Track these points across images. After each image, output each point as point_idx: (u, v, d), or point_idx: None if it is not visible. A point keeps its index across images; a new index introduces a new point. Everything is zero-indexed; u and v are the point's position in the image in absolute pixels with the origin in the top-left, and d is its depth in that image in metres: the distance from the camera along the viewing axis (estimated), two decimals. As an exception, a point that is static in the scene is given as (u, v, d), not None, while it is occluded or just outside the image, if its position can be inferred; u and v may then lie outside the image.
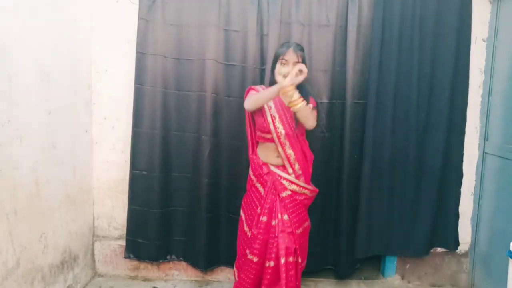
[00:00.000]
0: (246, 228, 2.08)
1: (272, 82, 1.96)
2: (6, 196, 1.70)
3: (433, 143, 2.50)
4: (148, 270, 2.66)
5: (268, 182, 2.01)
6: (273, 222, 1.97)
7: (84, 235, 2.52)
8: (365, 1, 2.41)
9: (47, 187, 2.03)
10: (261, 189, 2.04)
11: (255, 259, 1.96)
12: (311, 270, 2.54)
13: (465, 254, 2.66)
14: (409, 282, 2.69)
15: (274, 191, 1.99)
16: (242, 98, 2.44)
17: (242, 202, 2.17)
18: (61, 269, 2.21)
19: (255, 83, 2.43)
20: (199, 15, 2.41)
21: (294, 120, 1.96)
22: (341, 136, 2.47)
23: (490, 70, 2.48)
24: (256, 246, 1.95)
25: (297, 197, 2.02)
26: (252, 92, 2.02)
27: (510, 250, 1.61)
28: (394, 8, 2.38)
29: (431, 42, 2.43)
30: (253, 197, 2.07)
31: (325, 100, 2.48)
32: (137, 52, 2.41)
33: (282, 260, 1.90)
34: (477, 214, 2.58)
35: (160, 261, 2.62)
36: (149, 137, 2.47)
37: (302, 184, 2.02)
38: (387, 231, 2.55)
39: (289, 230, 1.96)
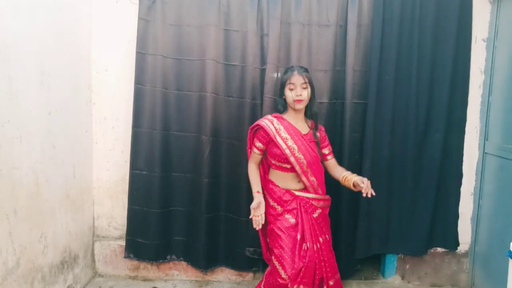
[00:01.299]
0: (281, 271, 1.85)
1: (282, 106, 2.02)
2: (6, 196, 1.70)
3: (433, 143, 2.50)
4: (148, 270, 2.66)
5: (297, 208, 1.96)
6: (315, 247, 1.92)
7: (84, 235, 2.52)
8: (365, 1, 2.41)
9: (47, 187, 2.03)
10: (289, 216, 1.95)
11: None
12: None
13: (465, 254, 2.66)
14: (409, 282, 2.69)
15: (306, 215, 1.96)
16: (242, 98, 2.46)
17: (268, 238, 2.03)
18: (61, 269, 2.21)
19: (255, 83, 2.44)
20: (199, 15, 2.41)
21: (315, 146, 1.99)
22: (341, 136, 2.47)
23: (490, 70, 2.48)
24: (307, 275, 1.84)
25: (325, 212, 2.06)
26: (254, 152, 2.03)
27: (510, 250, 1.61)
28: (394, 8, 2.38)
29: (431, 42, 2.43)
30: (284, 230, 1.92)
31: (325, 100, 2.48)
32: (137, 52, 2.41)
33: (331, 282, 1.94)
34: (477, 214, 2.58)
35: (160, 261, 2.62)
36: (149, 137, 2.48)
37: (327, 197, 2.06)
38: (386, 230, 2.56)
39: (329, 248, 2.00)
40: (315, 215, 1.98)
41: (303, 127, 2.02)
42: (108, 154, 2.62)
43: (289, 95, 1.92)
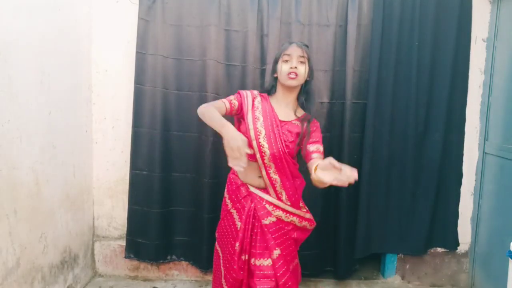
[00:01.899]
0: (222, 268, 1.71)
1: (272, 85, 1.72)
2: (6, 196, 1.70)
3: (432, 143, 2.50)
4: (148, 270, 2.66)
5: (246, 208, 1.63)
6: (258, 262, 1.60)
7: (84, 235, 2.52)
8: (365, 0, 2.41)
9: (47, 187, 2.03)
10: (237, 219, 1.66)
11: None
12: (311, 273, 2.55)
13: (465, 254, 2.66)
14: (409, 282, 2.69)
15: (253, 220, 1.62)
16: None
17: (216, 234, 1.80)
18: (61, 269, 2.21)
19: (255, 83, 2.44)
20: (199, 15, 2.41)
21: (292, 139, 1.62)
22: (340, 136, 2.47)
23: (490, 70, 2.48)
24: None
25: (284, 225, 1.64)
26: (222, 101, 1.60)
27: (510, 250, 1.61)
28: (394, 8, 2.38)
29: (431, 42, 2.43)
30: (228, 228, 1.71)
31: (325, 100, 2.48)
32: (137, 52, 2.41)
33: None
34: (477, 214, 2.58)
35: (161, 261, 2.62)
36: (149, 137, 2.47)
37: (292, 209, 1.64)
38: (385, 229, 2.56)
39: (272, 271, 1.60)
40: (266, 222, 1.60)
41: (287, 114, 1.66)
42: (108, 154, 2.62)
43: (283, 68, 1.59)
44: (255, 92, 1.71)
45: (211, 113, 1.50)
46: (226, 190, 1.76)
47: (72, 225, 2.34)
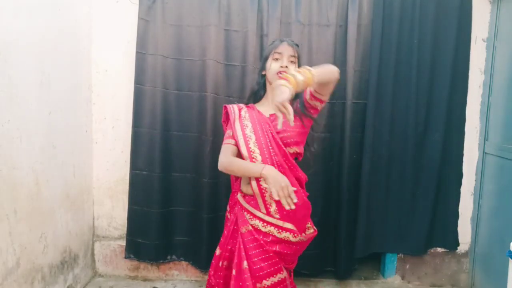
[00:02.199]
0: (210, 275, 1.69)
1: (259, 83, 1.67)
2: (6, 196, 1.70)
3: (432, 143, 2.50)
4: (148, 270, 2.66)
5: (232, 215, 1.59)
6: (233, 272, 1.48)
7: (84, 235, 2.52)
8: (365, 0, 2.40)
9: (47, 187, 2.03)
10: (226, 222, 1.64)
11: None
12: (311, 273, 2.55)
13: (465, 254, 2.66)
14: (409, 282, 2.69)
15: (234, 226, 1.54)
16: (242, 98, 2.45)
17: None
18: (61, 269, 2.21)
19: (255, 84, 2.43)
20: (199, 15, 2.41)
21: (282, 145, 1.50)
22: (340, 136, 2.47)
23: (490, 70, 2.48)
24: None
25: (260, 236, 1.46)
26: (228, 143, 1.54)
27: (510, 250, 1.61)
28: (394, 8, 2.38)
29: (431, 42, 2.43)
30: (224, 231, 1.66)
31: (325, 100, 2.48)
32: (137, 52, 2.41)
33: None
34: (477, 214, 2.58)
35: (161, 261, 2.62)
36: (149, 137, 2.47)
37: (269, 219, 1.46)
38: (385, 229, 2.56)
39: (248, 283, 1.42)
40: (242, 231, 1.48)
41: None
42: (108, 154, 2.62)
43: (273, 66, 1.54)
44: (242, 104, 1.67)
45: (237, 163, 1.47)
46: (230, 197, 1.76)
47: (72, 225, 2.34)
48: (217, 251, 1.59)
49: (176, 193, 2.56)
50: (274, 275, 1.45)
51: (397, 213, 2.55)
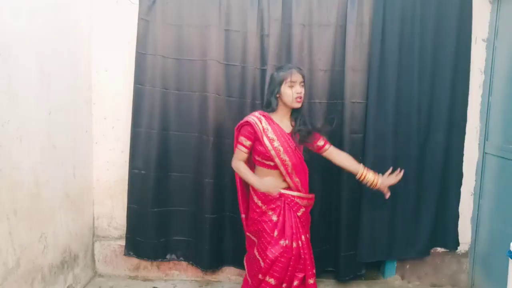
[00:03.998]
0: (258, 256, 1.97)
1: (273, 104, 1.95)
2: (6, 196, 1.70)
3: (433, 144, 2.49)
4: (148, 270, 2.66)
5: (281, 206, 1.96)
6: (294, 245, 1.92)
7: (84, 235, 2.52)
8: (365, 0, 2.40)
9: (47, 187, 2.03)
10: (271, 214, 1.96)
11: (273, 282, 1.90)
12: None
13: (465, 254, 2.66)
14: (409, 282, 2.69)
15: (290, 213, 1.96)
16: (242, 98, 2.46)
17: (250, 227, 2.07)
18: (61, 269, 2.21)
19: (255, 83, 2.44)
20: (199, 15, 2.41)
21: (300, 149, 1.98)
22: (340, 136, 2.47)
23: (490, 70, 2.48)
24: (277, 269, 1.89)
25: (307, 210, 2.05)
26: (241, 150, 1.99)
27: (510, 250, 1.61)
28: (394, 8, 2.38)
29: (432, 42, 2.42)
30: (265, 226, 1.96)
31: (324, 100, 2.48)
32: (137, 52, 2.41)
33: (311, 281, 1.95)
34: (477, 214, 2.58)
35: (160, 260, 2.62)
36: (149, 137, 2.47)
37: (311, 196, 2.06)
38: (389, 235, 2.52)
39: (309, 247, 1.98)
40: (299, 214, 1.97)
41: (287, 125, 1.99)
42: (108, 154, 2.62)
43: (289, 92, 1.89)
44: (257, 114, 1.99)
45: (241, 170, 1.99)
46: (255, 196, 1.99)
47: (72, 225, 2.34)
48: (275, 234, 1.91)
49: (175, 193, 2.57)
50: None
51: (399, 214, 2.52)
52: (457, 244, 2.62)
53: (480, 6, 2.48)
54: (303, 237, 1.95)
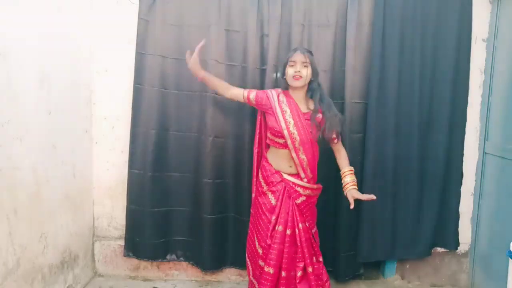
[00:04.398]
0: (256, 241, 2.06)
1: (284, 85, 2.08)
2: (6, 196, 1.70)
3: (434, 144, 2.49)
4: (148, 270, 2.66)
5: (281, 191, 2.00)
6: (288, 232, 1.97)
7: (84, 235, 2.52)
8: (365, 0, 2.40)
9: (47, 187, 2.03)
10: (271, 197, 2.03)
11: (271, 271, 1.94)
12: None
13: (465, 254, 2.66)
14: (409, 282, 2.69)
15: (288, 200, 2.00)
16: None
17: (251, 210, 2.17)
18: (61, 269, 2.21)
19: (255, 83, 2.43)
20: (200, 15, 2.41)
21: (312, 128, 1.97)
22: (341, 136, 2.46)
23: (490, 70, 2.48)
24: (273, 256, 1.94)
25: (311, 200, 2.06)
26: (247, 90, 2.10)
27: (510, 250, 1.61)
28: (394, 8, 2.38)
29: (432, 42, 2.42)
30: (262, 207, 2.05)
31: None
32: (137, 52, 2.41)
33: (310, 269, 1.99)
34: (477, 214, 2.58)
35: (160, 260, 2.62)
36: (148, 137, 2.47)
37: (315, 187, 2.06)
38: (389, 235, 2.52)
39: (308, 235, 2.02)
40: (297, 201, 2.00)
41: (304, 107, 2.02)
42: (108, 154, 2.62)
43: (289, 72, 1.95)
44: (279, 89, 2.07)
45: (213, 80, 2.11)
46: (261, 175, 2.08)
47: (72, 225, 2.34)
48: (273, 219, 1.98)
49: (175, 193, 2.56)
50: (315, 220, 2.12)
51: (399, 215, 2.51)
52: (457, 244, 2.62)
53: (480, 6, 2.48)
54: (300, 225, 1.98)
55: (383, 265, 2.72)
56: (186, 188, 2.55)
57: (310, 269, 1.99)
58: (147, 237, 2.54)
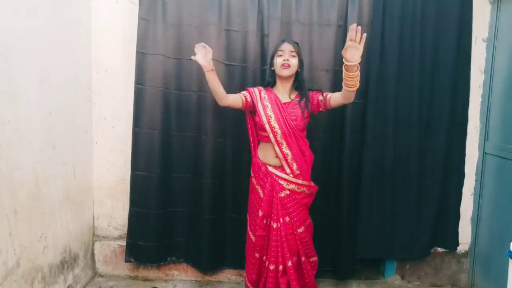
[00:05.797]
0: (250, 233, 2.15)
1: (270, 81, 2.12)
2: (6, 196, 1.70)
3: (434, 143, 2.49)
4: (148, 270, 2.66)
5: (266, 184, 2.04)
6: (274, 225, 2.03)
7: (84, 235, 2.52)
8: (365, 0, 2.40)
9: (47, 187, 2.03)
10: (260, 191, 2.08)
11: (256, 255, 2.09)
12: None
13: (465, 254, 2.66)
14: (409, 282, 2.69)
15: (272, 192, 2.03)
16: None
17: (248, 205, 2.22)
18: (61, 269, 2.21)
19: (255, 83, 2.43)
20: (200, 15, 2.40)
21: (293, 120, 1.99)
22: (341, 136, 2.47)
23: (490, 70, 2.48)
24: (260, 244, 2.07)
25: (296, 196, 2.05)
26: (242, 93, 2.09)
27: (510, 250, 1.61)
28: (395, 8, 2.37)
29: (432, 42, 2.42)
30: (254, 200, 2.13)
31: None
32: (138, 52, 2.41)
33: (289, 263, 2.02)
34: (477, 214, 2.58)
35: (161, 263, 2.61)
36: (150, 137, 2.47)
37: (300, 181, 2.04)
38: (388, 234, 2.52)
39: (290, 231, 2.03)
40: (281, 195, 2.02)
41: (285, 96, 2.07)
42: (108, 154, 2.62)
43: (277, 61, 2.00)
44: (260, 87, 2.12)
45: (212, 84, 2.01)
46: (251, 170, 2.15)
47: (72, 225, 2.34)
48: (260, 213, 2.04)
49: (176, 194, 2.56)
50: (306, 221, 2.11)
51: (399, 214, 2.51)
52: (457, 244, 2.62)
53: (480, 6, 2.48)
54: (281, 219, 2.01)
55: (383, 265, 2.72)
56: (187, 189, 2.54)
57: (289, 263, 2.03)
58: (149, 240, 2.51)
